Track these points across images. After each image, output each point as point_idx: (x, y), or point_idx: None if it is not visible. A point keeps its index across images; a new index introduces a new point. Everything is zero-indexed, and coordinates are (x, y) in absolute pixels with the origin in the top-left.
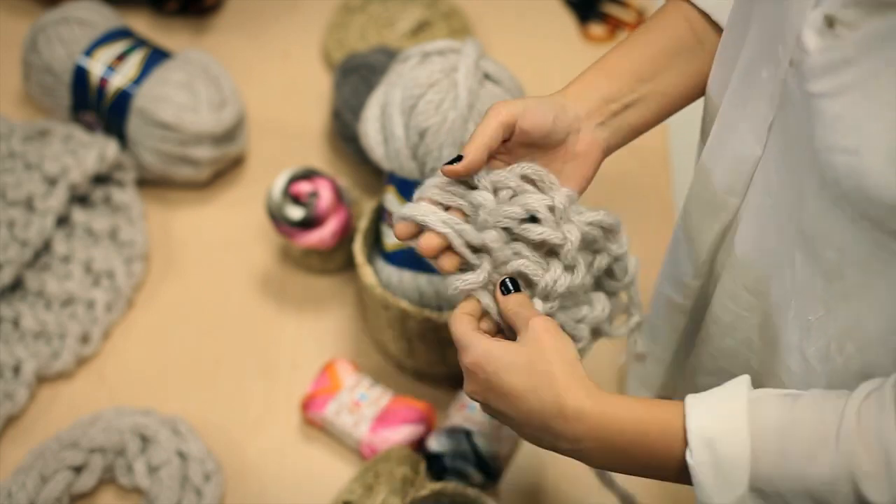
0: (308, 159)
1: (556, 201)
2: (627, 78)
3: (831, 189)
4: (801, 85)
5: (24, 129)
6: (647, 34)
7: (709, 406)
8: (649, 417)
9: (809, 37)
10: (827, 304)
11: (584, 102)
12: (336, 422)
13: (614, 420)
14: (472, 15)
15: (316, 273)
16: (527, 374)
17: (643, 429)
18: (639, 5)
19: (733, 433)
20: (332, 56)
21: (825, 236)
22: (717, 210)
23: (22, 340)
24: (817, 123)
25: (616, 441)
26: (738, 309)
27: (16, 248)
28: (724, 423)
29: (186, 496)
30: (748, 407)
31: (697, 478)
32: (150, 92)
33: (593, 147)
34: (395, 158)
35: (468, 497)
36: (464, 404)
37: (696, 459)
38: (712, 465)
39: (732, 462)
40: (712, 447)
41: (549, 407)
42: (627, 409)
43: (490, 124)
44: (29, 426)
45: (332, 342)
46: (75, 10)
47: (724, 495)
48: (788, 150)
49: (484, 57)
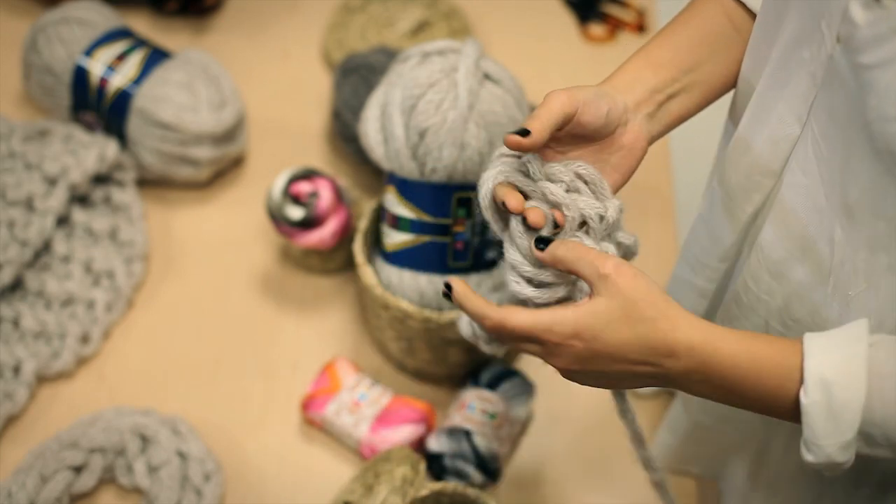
0: (308, 159)
1: (609, 213)
2: (671, 68)
3: (885, 158)
4: (850, 59)
5: (24, 129)
6: (687, 23)
7: (828, 347)
8: (763, 353)
9: (857, 11)
10: (869, 278)
11: (632, 94)
12: (336, 422)
13: (727, 354)
14: (472, 15)
15: (316, 273)
16: (628, 325)
17: (757, 364)
18: (639, 5)
19: (851, 377)
20: (332, 56)
21: (875, 207)
22: (751, 192)
23: (22, 340)
24: (870, 95)
25: (727, 375)
26: (759, 291)
27: (16, 248)
28: (842, 365)
29: (186, 496)
30: (868, 352)
31: (809, 418)
32: (150, 92)
33: (639, 138)
34: (395, 158)
35: (468, 497)
36: (463, 404)
37: (809, 399)
38: (825, 407)
39: (846, 405)
40: (828, 389)
41: (660, 348)
42: (740, 343)
43: (553, 108)
44: (29, 426)
45: (333, 342)
46: (75, 10)
47: (833, 437)
48: (833, 126)
49: (484, 57)
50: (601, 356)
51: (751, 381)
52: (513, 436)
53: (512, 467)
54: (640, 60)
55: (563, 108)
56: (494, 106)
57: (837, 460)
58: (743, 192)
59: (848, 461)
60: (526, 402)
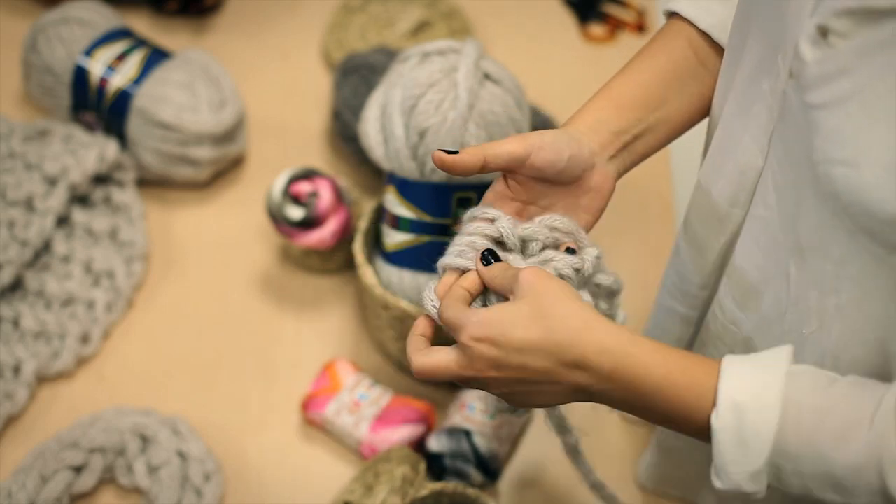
0: (308, 159)
1: (586, 265)
2: (636, 109)
3: (830, 202)
4: (799, 96)
5: (24, 129)
6: (651, 59)
7: (745, 372)
8: (679, 368)
9: (805, 48)
10: (821, 318)
11: (596, 136)
12: (336, 422)
13: (641, 362)
14: (472, 15)
15: (316, 273)
16: (536, 323)
17: (671, 378)
18: (639, 5)
19: (764, 404)
20: (332, 56)
21: (823, 249)
22: (723, 222)
23: (22, 340)
24: (816, 135)
25: (640, 385)
26: (724, 320)
27: (16, 248)
28: (757, 391)
29: (186, 496)
30: (785, 380)
31: (718, 442)
32: (150, 92)
33: (606, 179)
34: (395, 158)
35: (468, 497)
36: (463, 404)
37: (721, 423)
38: (736, 432)
39: (757, 433)
40: (740, 414)
41: (573, 349)
42: (656, 353)
43: (501, 146)
44: (29, 426)
45: (332, 342)
46: (75, 10)
47: (741, 465)
48: (788, 161)
49: (484, 57)
50: (510, 363)
51: (663, 394)
52: (513, 436)
53: (512, 467)
54: (604, 100)
55: (510, 149)
56: (494, 106)
57: (745, 489)
58: (717, 220)
59: (758, 492)
60: None
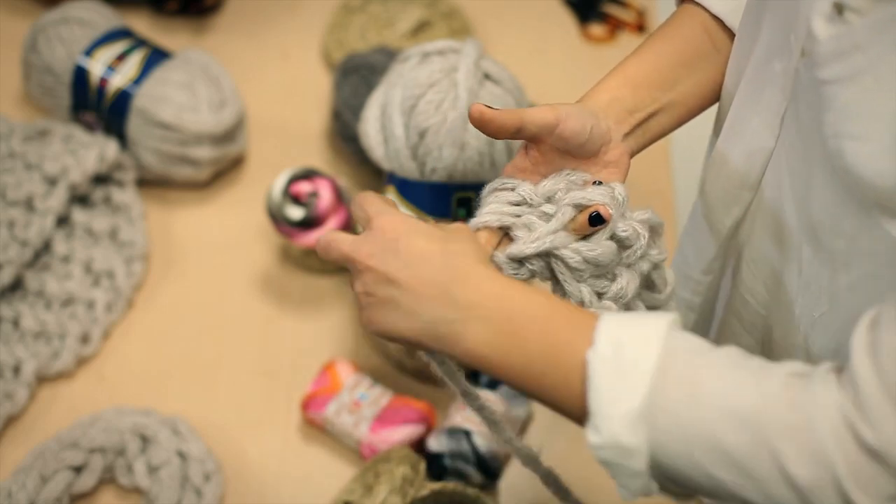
0: (308, 159)
1: (617, 191)
2: (650, 88)
3: (841, 177)
4: (811, 73)
5: (24, 129)
6: (667, 40)
7: (627, 319)
8: (560, 307)
9: (819, 24)
10: (833, 298)
11: (611, 113)
12: (336, 422)
13: (521, 296)
14: (472, 15)
15: (316, 273)
16: (439, 241)
17: (550, 312)
18: (639, 5)
19: (644, 340)
20: (332, 56)
21: (834, 226)
22: (730, 205)
23: (22, 340)
24: (827, 110)
25: (516, 316)
26: (758, 306)
27: (16, 248)
28: (638, 333)
29: (186, 496)
30: (667, 331)
31: (593, 377)
32: (150, 92)
33: (622, 155)
34: (395, 158)
35: (468, 497)
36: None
37: (597, 354)
38: (613, 363)
39: (635, 364)
40: (619, 347)
41: (453, 270)
42: (539, 293)
43: (535, 112)
44: (29, 426)
45: (332, 342)
46: (75, 10)
47: (617, 404)
48: (799, 140)
49: (484, 57)
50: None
51: (539, 325)
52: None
53: (512, 467)
54: (620, 78)
55: (544, 115)
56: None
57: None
58: (722, 205)
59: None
60: (526, 402)
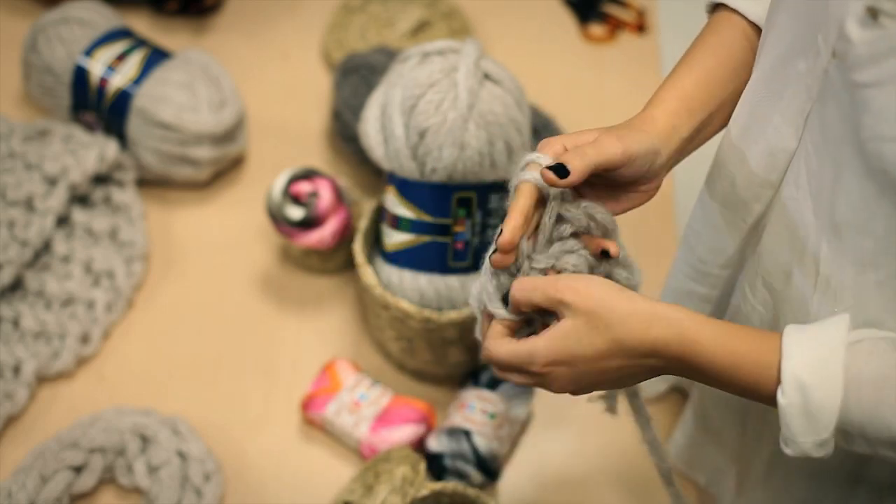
0: (308, 159)
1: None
2: (703, 111)
3: (877, 178)
4: (845, 75)
5: (24, 129)
6: (712, 53)
7: (806, 347)
8: (741, 349)
9: (853, 28)
10: (857, 295)
11: (670, 144)
12: (336, 422)
13: (704, 351)
14: (472, 15)
15: (316, 273)
16: (598, 335)
17: (734, 360)
18: (639, 5)
19: (827, 380)
20: (332, 56)
21: (863, 225)
22: (751, 203)
23: (22, 340)
24: (864, 113)
25: (706, 370)
26: (755, 301)
27: (16, 248)
28: (819, 368)
29: (186, 496)
30: (846, 353)
31: (786, 418)
32: (150, 92)
33: (658, 182)
34: (395, 158)
35: (468, 497)
36: (464, 404)
37: (787, 400)
38: (802, 407)
39: (822, 408)
40: (804, 392)
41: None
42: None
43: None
44: (29, 426)
45: (333, 342)
46: (75, 10)
47: (808, 436)
48: (825, 140)
49: (484, 57)
50: (588, 372)
51: (728, 375)
52: (513, 436)
53: (512, 467)
54: (676, 101)
55: (612, 159)
56: (494, 106)
57: (814, 455)
58: (742, 202)
59: (825, 455)
60: (526, 402)
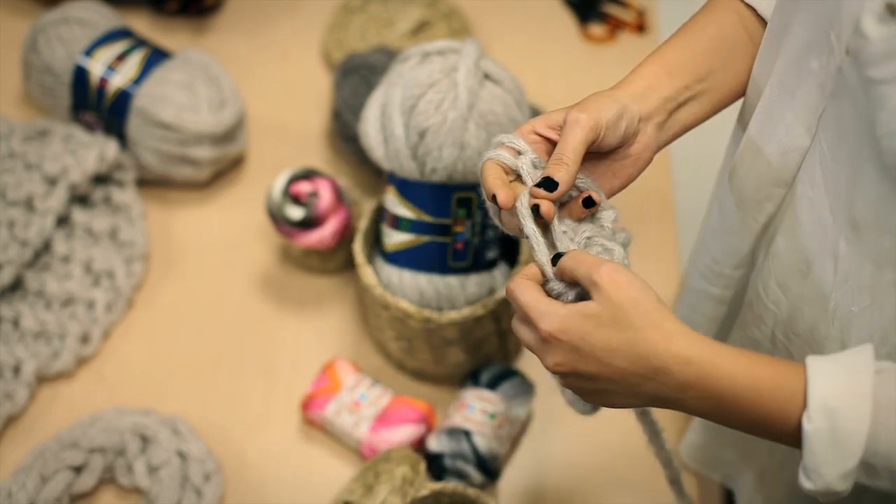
0: (308, 159)
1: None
2: (685, 75)
3: (894, 174)
4: (860, 72)
5: (24, 129)
6: (703, 29)
7: (832, 373)
8: (764, 373)
9: (870, 24)
10: (874, 294)
11: (646, 103)
12: (336, 422)
13: (725, 372)
14: (472, 15)
15: (316, 273)
16: (616, 331)
17: (757, 384)
18: (639, 5)
19: (856, 404)
20: (332, 56)
21: (881, 223)
22: (763, 202)
23: (22, 340)
24: (880, 110)
25: (725, 393)
26: (767, 301)
27: (16, 248)
28: (847, 392)
29: (186, 496)
30: (873, 379)
31: (811, 444)
32: (150, 92)
33: (647, 148)
34: (395, 158)
35: (468, 497)
36: (463, 404)
37: (813, 425)
38: (829, 434)
39: (850, 434)
40: (832, 416)
41: (651, 360)
42: (739, 361)
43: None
44: (29, 426)
45: (333, 342)
46: (75, 10)
47: (834, 466)
48: (841, 138)
49: (484, 57)
50: (588, 358)
51: (749, 400)
52: (513, 436)
53: (512, 467)
54: (656, 65)
55: (587, 141)
56: (494, 106)
57: (836, 489)
58: (755, 202)
59: (846, 490)
60: (526, 402)
